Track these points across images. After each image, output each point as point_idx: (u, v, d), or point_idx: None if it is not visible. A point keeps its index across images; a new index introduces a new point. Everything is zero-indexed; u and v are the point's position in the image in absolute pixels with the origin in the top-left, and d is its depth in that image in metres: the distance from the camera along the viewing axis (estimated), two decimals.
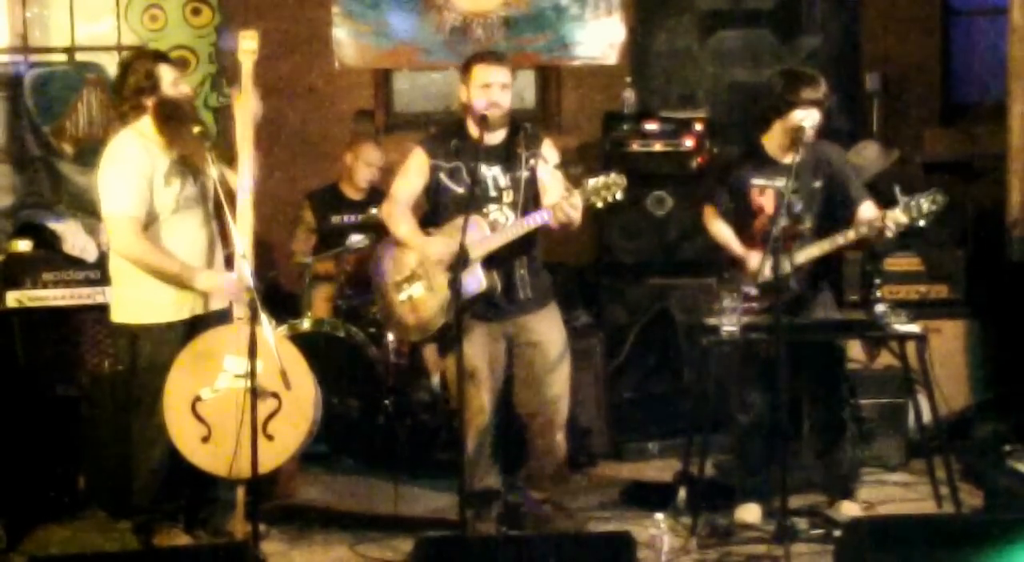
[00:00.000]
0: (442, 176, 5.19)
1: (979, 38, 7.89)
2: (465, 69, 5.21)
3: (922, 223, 5.19)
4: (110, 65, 7.50)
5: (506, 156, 5.18)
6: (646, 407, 6.63)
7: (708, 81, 7.86)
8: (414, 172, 5.25)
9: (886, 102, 7.74)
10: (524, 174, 5.18)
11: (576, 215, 4.98)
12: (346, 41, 7.60)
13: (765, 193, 5.33)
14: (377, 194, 7.03)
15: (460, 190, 5.16)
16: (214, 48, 7.54)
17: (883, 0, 7.90)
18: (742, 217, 5.40)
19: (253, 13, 7.38)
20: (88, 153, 7.15)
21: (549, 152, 5.26)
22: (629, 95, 7.30)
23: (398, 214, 5.23)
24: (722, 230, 5.48)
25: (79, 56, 7.58)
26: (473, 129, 5.17)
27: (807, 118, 5.25)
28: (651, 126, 7.12)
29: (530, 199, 5.18)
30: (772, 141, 5.37)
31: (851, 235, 5.23)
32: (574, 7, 7.66)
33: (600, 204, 5.01)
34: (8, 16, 7.58)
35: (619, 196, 4.99)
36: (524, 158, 5.18)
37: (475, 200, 5.07)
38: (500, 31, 7.63)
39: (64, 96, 7.23)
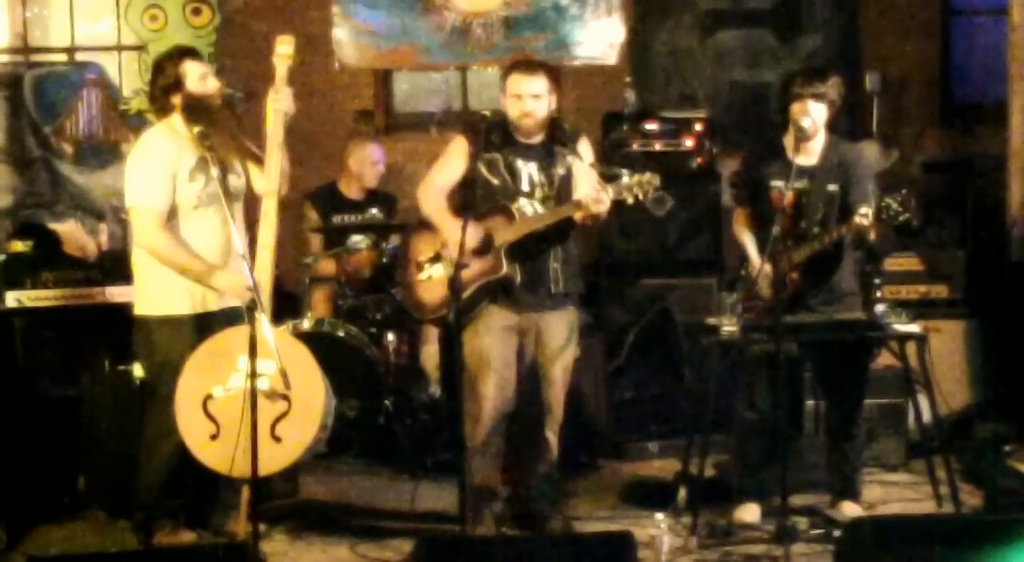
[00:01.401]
0: (480, 165, 5.22)
1: (979, 38, 7.89)
2: (504, 75, 5.28)
3: (900, 221, 5.18)
4: (110, 65, 7.53)
5: (545, 153, 5.24)
6: (646, 407, 6.63)
7: (708, 81, 7.87)
8: (454, 159, 5.27)
9: (886, 102, 7.74)
10: (560, 171, 5.24)
11: (603, 209, 5.02)
12: (346, 41, 7.60)
13: (784, 195, 5.31)
14: (376, 195, 7.04)
15: (495, 181, 5.21)
16: (214, 48, 7.55)
17: (883, 0, 7.90)
18: (764, 219, 5.40)
19: (253, 13, 7.39)
20: (88, 153, 7.19)
21: (585, 149, 5.31)
22: (629, 95, 7.30)
23: (432, 196, 5.26)
24: (743, 234, 5.49)
25: (79, 56, 7.59)
26: (512, 131, 5.24)
27: (805, 112, 5.25)
28: (651, 126, 7.12)
29: (563, 196, 5.21)
30: (790, 142, 5.37)
31: (834, 235, 5.24)
32: (574, 7, 7.66)
33: (631, 200, 5.07)
34: (8, 16, 7.59)
35: (651, 195, 5.06)
36: (563, 156, 5.23)
37: (508, 193, 5.15)
38: (500, 31, 7.63)
39: (64, 96, 7.25)
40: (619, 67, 7.70)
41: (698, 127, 7.11)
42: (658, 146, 7.10)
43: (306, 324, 6.37)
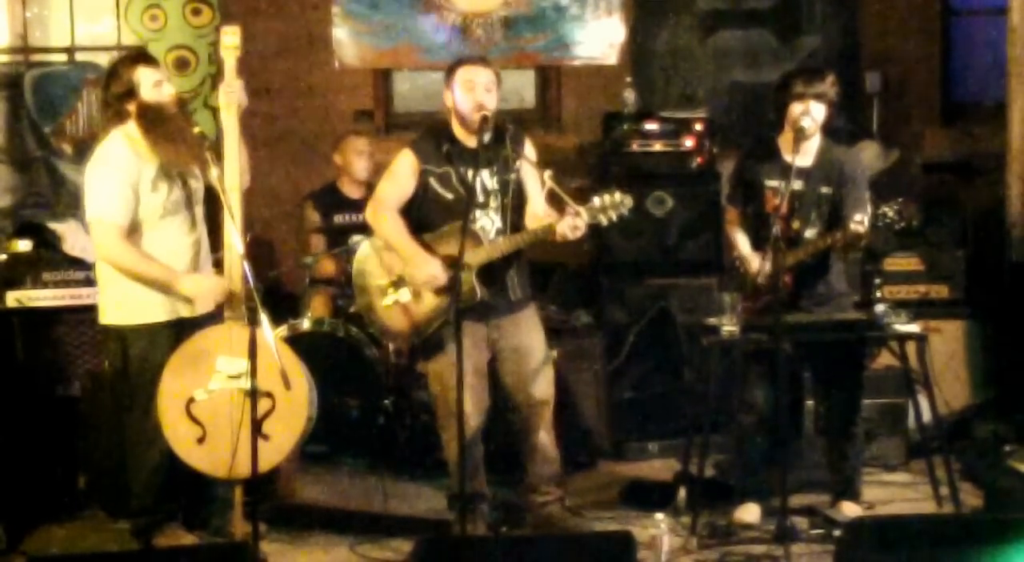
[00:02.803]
0: (432, 182, 5.14)
1: (979, 38, 7.89)
2: (449, 73, 5.19)
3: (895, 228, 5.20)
4: None
5: (494, 157, 5.15)
6: (646, 407, 6.62)
7: (708, 81, 7.86)
8: (404, 176, 5.18)
9: (886, 102, 7.74)
10: (512, 176, 5.17)
11: (580, 234, 4.99)
12: (346, 41, 7.60)
13: (779, 195, 5.31)
14: None
15: (450, 196, 5.12)
16: (214, 48, 7.54)
17: (883, 0, 7.90)
18: (758, 218, 5.40)
19: (253, 13, 7.38)
20: (88, 153, 7.17)
21: (530, 151, 5.25)
22: (629, 95, 7.29)
23: (388, 218, 5.16)
24: (735, 232, 5.50)
25: (79, 56, 7.58)
26: (460, 133, 5.15)
27: (806, 112, 5.25)
28: (651, 126, 7.10)
29: (517, 202, 5.18)
30: (785, 142, 5.37)
31: (828, 241, 5.24)
32: (574, 7, 7.66)
33: (605, 222, 5.02)
34: (8, 16, 7.58)
35: (625, 214, 5.02)
36: (511, 160, 5.17)
37: (465, 206, 5.02)
38: (500, 31, 7.63)
39: (64, 96, 7.25)
40: (619, 67, 7.69)
41: (698, 127, 7.09)
42: (658, 146, 7.09)
43: (306, 324, 6.37)
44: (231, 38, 5.11)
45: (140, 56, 5.25)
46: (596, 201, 5.00)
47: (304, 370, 5.00)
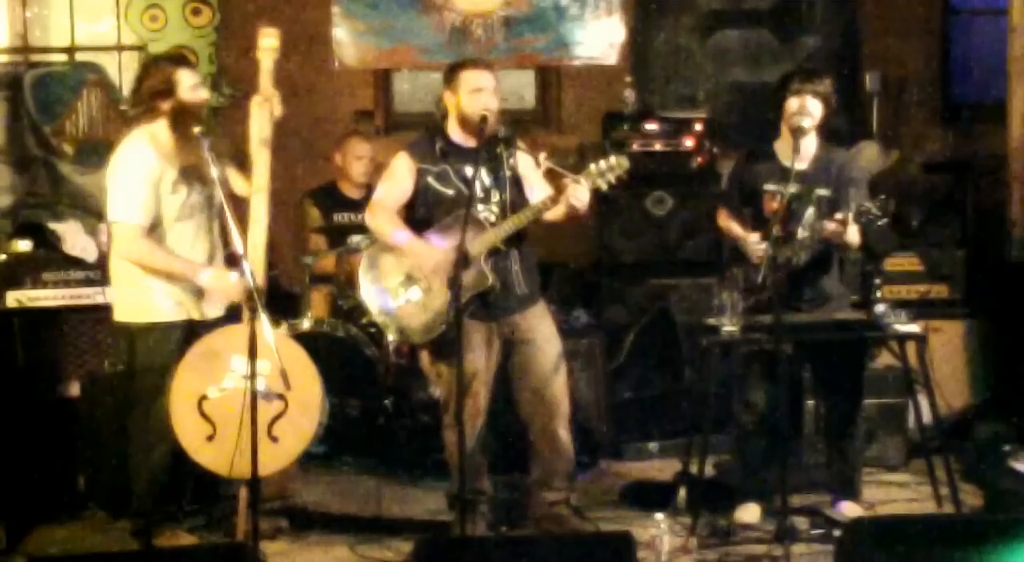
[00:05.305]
0: (430, 180, 5.18)
1: (979, 38, 7.90)
2: (451, 75, 5.22)
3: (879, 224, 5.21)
4: (110, 65, 7.53)
5: (488, 156, 5.18)
6: (646, 407, 6.63)
7: (708, 81, 7.87)
8: (400, 177, 5.23)
9: (886, 102, 7.74)
10: (507, 173, 5.21)
11: (585, 201, 5.01)
12: (346, 41, 7.60)
13: (777, 199, 5.30)
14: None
15: (449, 192, 5.16)
16: (214, 48, 7.55)
17: (883, 0, 7.90)
18: (756, 223, 5.40)
19: (253, 13, 7.38)
20: (88, 153, 7.18)
21: (524, 158, 5.25)
22: (629, 95, 7.30)
23: (387, 219, 5.21)
24: (728, 222, 5.49)
25: (79, 56, 7.59)
26: (456, 133, 5.20)
27: (803, 107, 5.25)
28: (651, 126, 7.12)
29: (516, 197, 5.20)
30: (783, 146, 5.37)
31: (818, 231, 5.23)
32: (574, 7, 7.66)
33: (604, 187, 5.06)
34: (8, 16, 7.59)
35: (623, 176, 5.04)
36: (504, 158, 5.21)
37: (463, 203, 5.05)
38: (500, 31, 7.63)
39: (64, 96, 7.25)
40: (619, 67, 7.70)
41: (698, 127, 7.11)
42: (658, 146, 7.10)
43: (306, 324, 6.37)
44: (270, 40, 5.14)
45: (182, 58, 5.30)
46: (592, 167, 5.05)
47: (318, 376, 4.99)
